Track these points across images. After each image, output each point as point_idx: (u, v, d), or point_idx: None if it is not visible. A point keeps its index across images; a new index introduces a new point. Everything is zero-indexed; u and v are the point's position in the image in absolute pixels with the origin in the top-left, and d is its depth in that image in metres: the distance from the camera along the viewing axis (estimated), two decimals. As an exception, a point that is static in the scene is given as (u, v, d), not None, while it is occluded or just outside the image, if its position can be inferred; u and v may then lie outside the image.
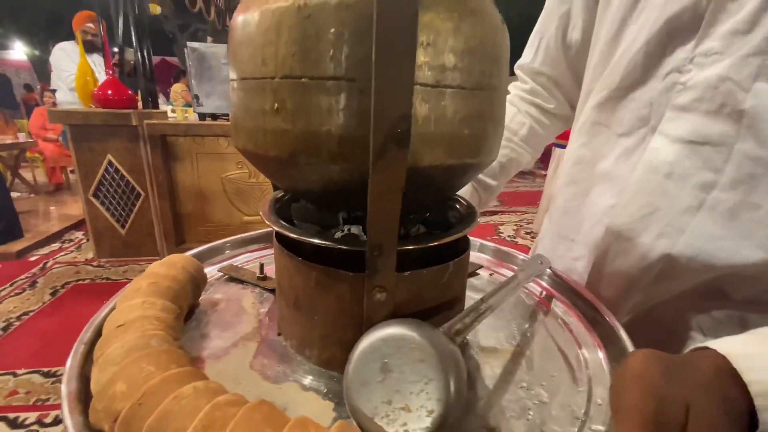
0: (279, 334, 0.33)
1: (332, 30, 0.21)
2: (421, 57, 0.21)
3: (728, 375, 0.21)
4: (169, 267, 0.34)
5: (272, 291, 0.41)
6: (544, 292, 0.43)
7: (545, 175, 4.87)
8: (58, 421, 1.27)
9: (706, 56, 0.34)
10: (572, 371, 0.31)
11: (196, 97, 2.43)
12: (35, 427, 1.23)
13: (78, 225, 3.15)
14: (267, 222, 0.29)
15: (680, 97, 0.36)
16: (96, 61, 2.81)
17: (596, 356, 0.33)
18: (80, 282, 2.23)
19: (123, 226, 2.49)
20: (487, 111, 0.25)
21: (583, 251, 0.46)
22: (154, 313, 0.27)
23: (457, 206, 0.36)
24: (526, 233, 3.27)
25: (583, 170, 0.47)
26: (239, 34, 0.24)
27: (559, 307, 0.40)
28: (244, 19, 0.23)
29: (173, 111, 3.53)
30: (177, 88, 4.87)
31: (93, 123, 2.26)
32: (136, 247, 2.54)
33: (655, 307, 0.41)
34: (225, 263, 0.46)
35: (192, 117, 2.97)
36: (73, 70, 2.54)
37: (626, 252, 0.40)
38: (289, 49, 0.22)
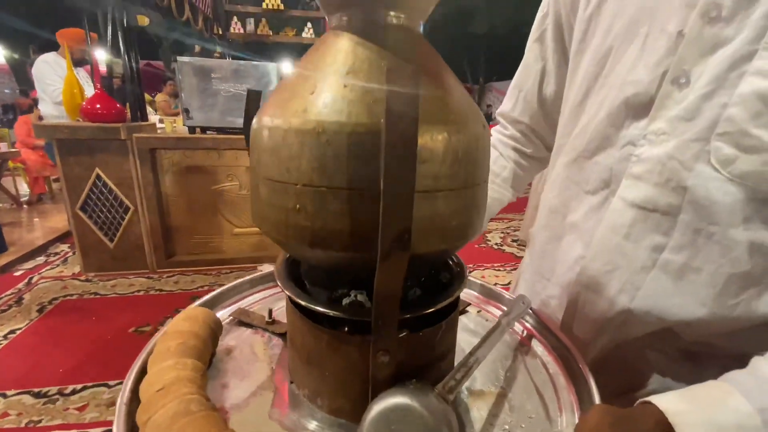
0: (291, 382, 0.37)
1: (345, 152, 0.25)
2: (420, 171, 0.26)
3: (666, 428, 0.26)
4: (192, 323, 0.37)
5: (280, 335, 0.45)
6: (526, 332, 0.48)
7: (530, 183, 4.99)
8: (51, 443, 1.27)
9: (656, 135, 0.38)
10: (547, 412, 0.36)
11: (186, 110, 2.44)
12: (28, 449, 1.23)
13: (63, 237, 3.10)
14: (282, 288, 0.33)
15: (635, 167, 0.40)
16: (80, 74, 2.79)
17: (566, 397, 0.38)
18: (68, 298, 2.21)
19: (111, 240, 2.48)
20: (472, 203, 0.30)
21: (557, 291, 0.51)
22: (187, 374, 0.31)
23: (450, 263, 0.40)
24: (513, 240, 3.36)
25: (556, 219, 0.52)
26: (266, 142, 0.28)
27: (538, 347, 0.45)
28: (270, 131, 0.28)
29: (161, 121, 3.53)
30: (159, 99, 4.84)
31: (81, 137, 2.25)
32: (124, 260, 2.53)
33: (619, 346, 0.46)
34: (235, 306, 0.50)
35: (180, 127, 2.98)
36: (57, 83, 2.52)
37: (593, 301, 0.45)
38: (311, 164, 0.26)
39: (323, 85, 0.27)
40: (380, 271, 0.25)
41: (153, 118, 3.29)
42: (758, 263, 0.36)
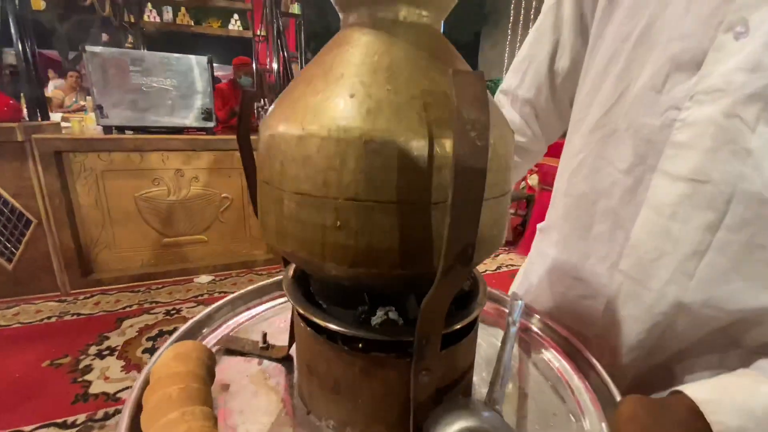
0: (309, 413, 0.34)
1: (396, 163, 0.23)
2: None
3: (698, 415, 0.28)
4: (185, 361, 0.32)
5: (279, 360, 0.41)
6: (532, 335, 0.49)
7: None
8: None
9: (707, 93, 0.34)
10: (567, 407, 0.37)
11: (100, 107, 2.16)
12: None
13: (-61, 260, 2.57)
14: (302, 312, 0.30)
15: (679, 134, 0.36)
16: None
17: (577, 384, 0.39)
18: (-45, 333, 1.84)
19: (9, 261, 2.11)
20: (505, 210, 0.30)
21: (590, 291, 0.47)
22: (200, 425, 0.26)
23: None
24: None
25: (583, 206, 0.47)
26: (292, 151, 0.25)
27: (536, 340, 0.47)
28: (300, 140, 0.24)
29: (64, 119, 3.08)
30: (55, 94, 4.21)
31: (-38, 140, 1.87)
32: (27, 283, 2.17)
33: (666, 362, 0.41)
34: (218, 333, 0.44)
35: (90, 125, 2.63)
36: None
37: (637, 297, 0.40)
38: (355, 177, 0.23)
39: (364, 89, 0.24)
40: (437, 288, 0.23)
41: (54, 116, 2.86)
42: None
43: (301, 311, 0.30)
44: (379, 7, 0.27)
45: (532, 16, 9.65)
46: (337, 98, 0.24)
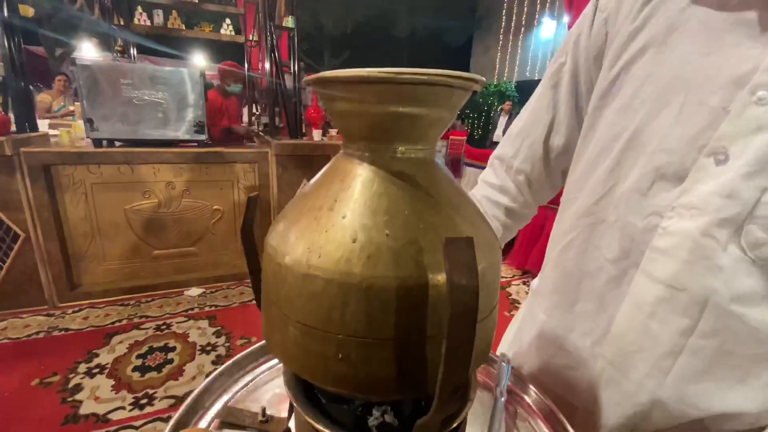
0: (307, 499, 0.36)
1: (393, 305, 0.25)
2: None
3: None
4: (191, 455, 0.34)
5: (278, 435, 0.43)
6: (518, 401, 0.51)
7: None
8: None
9: (687, 209, 0.37)
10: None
11: (90, 120, 2.14)
12: None
13: None
14: (305, 417, 0.32)
15: (661, 241, 0.38)
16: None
17: (561, 463, 0.42)
18: (-60, 350, 1.81)
19: (-5, 274, 2.08)
20: (494, 323, 0.32)
21: (573, 362, 0.50)
22: None
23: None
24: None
25: (569, 283, 0.51)
26: (299, 285, 0.27)
27: (521, 406, 0.49)
28: (306, 278, 0.26)
29: (52, 126, 3.04)
30: (39, 98, 4.12)
31: (-53, 153, 1.84)
32: (15, 297, 2.15)
33: None
34: (220, 403, 0.46)
35: (79, 134, 2.60)
36: None
37: (618, 383, 0.43)
38: (356, 317, 0.25)
39: (365, 235, 0.26)
40: (430, 418, 0.26)
41: (42, 123, 2.81)
42: None
43: (303, 414, 0.32)
44: (378, 144, 0.29)
45: (524, 22, 9.77)
46: (341, 240, 0.26)
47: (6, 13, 2.03)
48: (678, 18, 0.39)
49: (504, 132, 4.98)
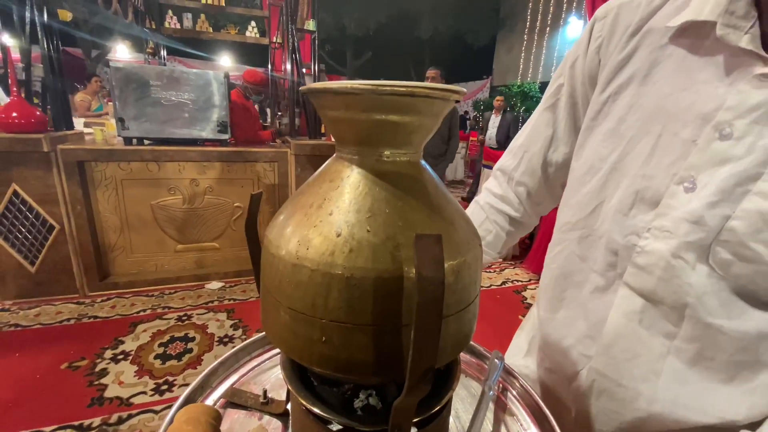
0: (299, 474, 0.39)
1: (371, 294, 0.28)
2: (435, 305, 0.29)
3: None
4: (197, 426, 0.37)
5: (278, 416, 0.46)
6: (501, 386, 0.54)
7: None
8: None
9: (660, 231, 0.40)
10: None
11: (121, 120, 2.25)
12: None
13: (-32, 258, 2.71)
14: (297, 395, 0.35)
15: (639, 258, 0.42)
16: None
17: (544, 457, 0.43)
18: (-18, 332, 1.95)
19: (32, 264, 2.22)
20: (472, 314, 0.34)
21: (561, 366, 0.52)
22: (206, 494, 0.32)
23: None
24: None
25: (555, 290, 0.54)
26: (289, 274, 0.30)
27: (512, 401, 0.51)
28: (295, 267, 0.29)
29: (87, 125, 3.21)
30: (77, 98, 4.36)
31: (-7, 149, 1.98)
32: (48, 285, 2.28)
33: None
34: (226, 384, 0.50)
35: (109, 132, 2.73)
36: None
37: (612, 391, 0.45)
38: (337, 304, 0.28)
39: (348, 230, 0.29)
40: (403, 400, 0.28)
41: (78, 121, 2.97)
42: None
43: (296, 395, 0.35)
44: (366, 148, 0.31)
45: (549, 21, 9.59)
46: (327, 234, 0.29)
47: (46, 18, 2.17)
48: (660, 54, 0.43)
49: (497, 132, 4.63)
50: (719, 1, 0.37)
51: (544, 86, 9.04)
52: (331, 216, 0.30)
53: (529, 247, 3.39)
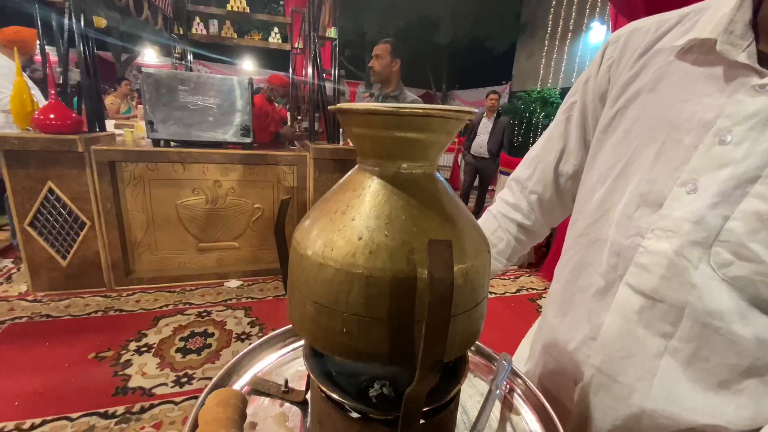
0: (317, 456, 0.43)
1: (387, 292, 0.31)
2: (445, 303, 0.32)
3: None
4: (226, 408, 0.42)
5: (298, 404, 0.50)
6: (508, 386, 0.56)
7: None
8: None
9: (663, 231, 0.42)
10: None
11: (150, 122, 2.36)
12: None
13: (5, 252, 2.87)
14: (317, 383, 0.39)
15: (642, 257, 0.44)
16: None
17: (547, 453, 0.46)
18: (17, 321, 2.06)
19: (64, 258, 2.34)
20: (480, 314, 0.37)
21: (566, 369, 0.54)
22: (236, 466, 0.35)
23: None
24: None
25: (565, 294, 0.56)
26: (315, 271, 0.34)
27: (519, 402, 0.53)
28: (321, 266, 0.33)
29: (117, 126, 3.35)
30: (108, 101, 4.56)
31: (32, 149, 2.11)
32: (78, 278, 2.40)
33: None
34: (249, 374, 0.54)
35: (140, 134, 2.85)
36: (8, 89, 2.33)
37: (609, 388, 0.47)
38: (357, 299, 0.32)
39: (368, 234, 0.32)
40: (414, 389, 0.32)
41: (109, 123, 3.12)
42: (762, 356, 0.39)
43: (317, 382, 0.39)
44: (385, 161, 0.35)
45: (571, 27, 9.49)
46: (350, 238, 0.33)
47: (83, 25, 2.30)
48: (665, 70, 0.46)
49: (489, 139, 4.07)
50: (720, 22, 0.41)
51: (564, 92, 8.91)
52: (353, 221, 0.34)
53: (545, 256, 3.36)
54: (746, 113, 0.38)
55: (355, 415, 0.38)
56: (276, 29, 4.76)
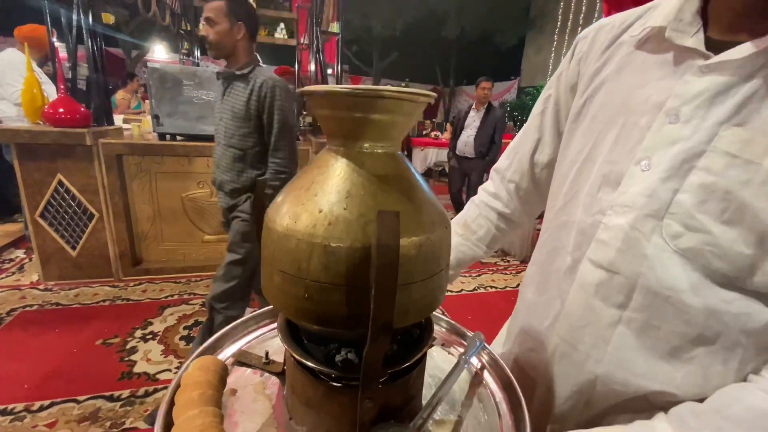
0: (290, 419, 0.46)
1: (344, 260, 0.34)
2: (399, 270, 0.35)
3: None
4: (205, 373, 0.45)
5: (277, 374, 0.53)
6: (480, 364, 0.59)
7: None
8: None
9: (621, 207, 0.45)
10: (492, 436, 0.46)
11: (156, 117, 2.41)
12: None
13: (17, 242, 2.96)
14: (287, 348, 0.42)
15: (602, 233, 0.47)
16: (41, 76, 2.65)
17: (508, 423, 0.48)
18: (27, 309, 2.14)
19: (73, 248, 2.41)
20: (437, 285, 0.40)
21: (537, 345, 0.58)
22: (210, 421, 0.39)
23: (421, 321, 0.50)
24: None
25: (541, 276, 0.60)
26: (281, 241, 0.37)
27: (489, 378, 0.56)
28: (285, 236, 0.36)
29: (125, 121, 3.42)
30: (118, 96, 4.65)
31: (42, 142, 2.17)
32: (87, 268, 2.47)
33: (602, 413, 0.50)
34: (235, 347, 0.57)
35: (145, 128, 2.91)
36: (19, 83, 2.40)
37: (569, 356, 0.50)
38: (317, 267, 0.35)
39: (329, 207, 0.35)
40: (368, 350, 0.34)
41: (117, 118, 3.18)
42: (711, 326, 0.41)
43: (287, 348, 0.42)
44: (350, 141, 0.38)
45: (581, 22, 9.36)
46: (312, 211, 0.35)
47: (91, 21, 2.35)
48: (627, 59, 0.50)
49: (477, 134, 3.49)
50: (671, 11, 0.45)
51: (572, 88, 8.78)
52: (316, 196, 0.36)
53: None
54: (693, 93, 0.41)
55: (323, 378, 0.41)
56: (282, 25, 4.78)
